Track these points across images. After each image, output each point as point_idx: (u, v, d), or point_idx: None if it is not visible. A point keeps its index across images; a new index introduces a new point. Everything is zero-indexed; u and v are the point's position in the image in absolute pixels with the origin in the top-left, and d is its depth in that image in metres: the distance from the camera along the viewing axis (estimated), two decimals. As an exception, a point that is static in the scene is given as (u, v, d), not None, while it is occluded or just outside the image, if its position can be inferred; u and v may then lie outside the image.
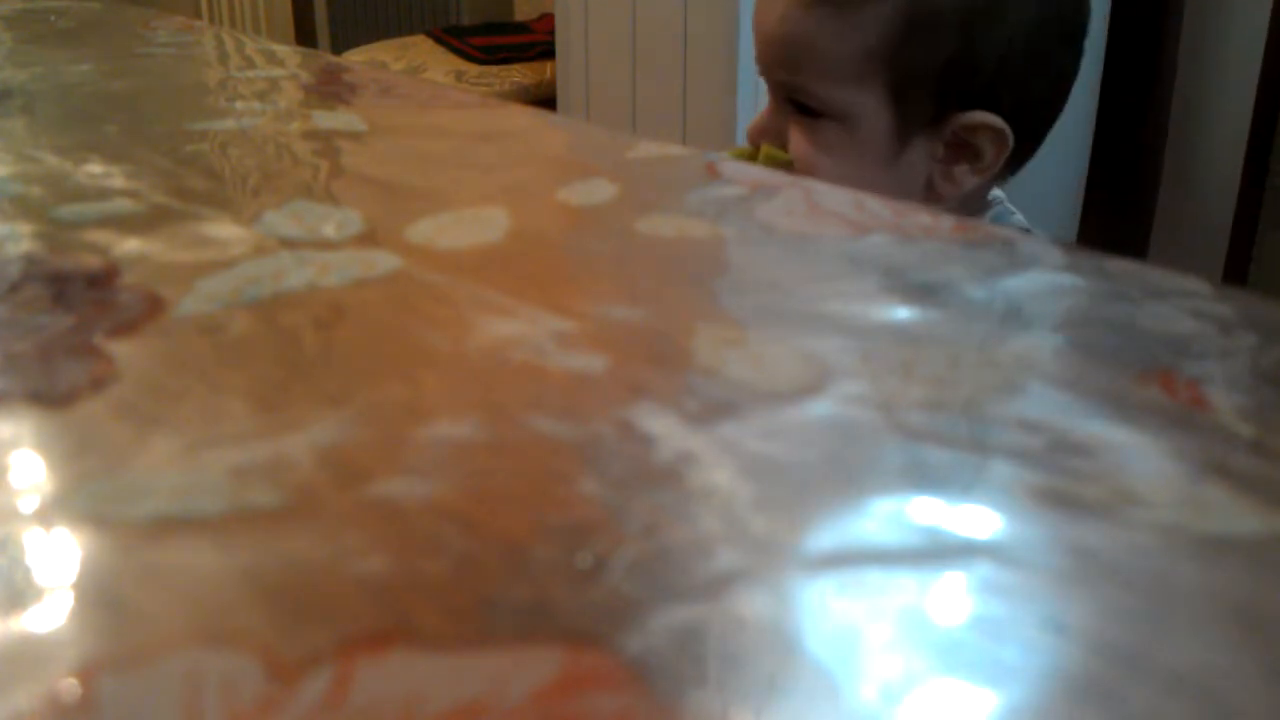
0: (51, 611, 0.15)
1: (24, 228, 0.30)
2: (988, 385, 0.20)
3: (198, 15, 3.33)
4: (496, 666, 0.14)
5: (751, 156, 0.74)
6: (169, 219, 0.30)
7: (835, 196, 0.31)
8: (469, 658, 0.14)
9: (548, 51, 2.03)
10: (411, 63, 2.14)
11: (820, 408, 0.20)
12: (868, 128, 0.70)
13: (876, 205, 0.30)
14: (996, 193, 0.77)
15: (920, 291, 0.25)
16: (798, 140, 0.72)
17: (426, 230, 0.29)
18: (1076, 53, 0.74)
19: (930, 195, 0.74)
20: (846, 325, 0.23)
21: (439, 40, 2.24)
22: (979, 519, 0.16)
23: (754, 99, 1.46)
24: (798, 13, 0.69)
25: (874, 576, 0.15)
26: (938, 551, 0.16)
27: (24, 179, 0.34)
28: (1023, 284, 0.25)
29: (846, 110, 0.70)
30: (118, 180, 0.33)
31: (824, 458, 0.18)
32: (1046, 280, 0.25)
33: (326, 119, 0.41)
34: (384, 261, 0.27)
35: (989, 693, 0.13)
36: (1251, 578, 0.15)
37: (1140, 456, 0.18)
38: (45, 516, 0.17)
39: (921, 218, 0.29)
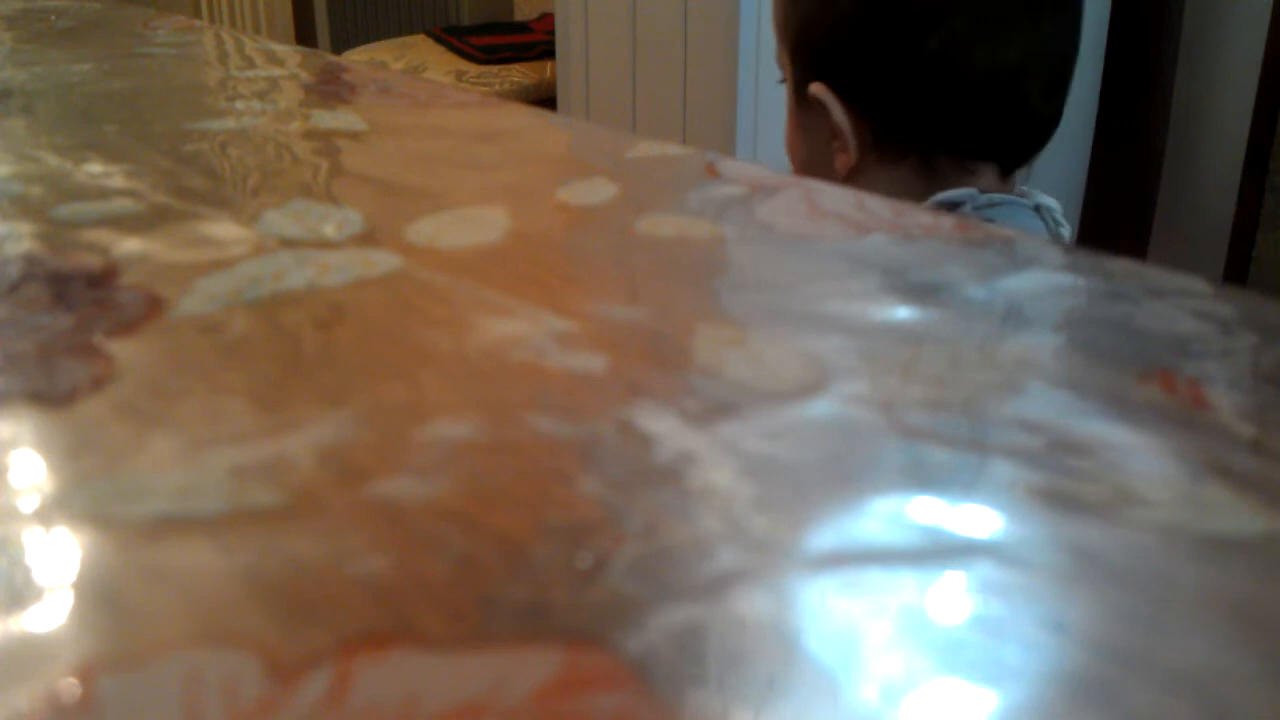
0: (51, 611, 0.15)
1: (24, 228, 0.30)
2: (988, 385, 0.20)
3: (198, 15, 3.33)
4: (496, 666, 0.14)
5: None
6: (169, 219, 0.30)
7: (835, 196, 0.31)
8: (469, 658, 0.14)
9: (548, 51, 2.03)
10: (411, 62, 2.14)
11: (820, 407, 0.20)
12: (790, 94, 0.74)
13: (877, 205, 0.30)
14: (950, 194, 0.67)
15: (920, 291, 0.25)
16: None
17: (426, 230, 0.29)
18: (916, 34, 0.65)
19: (829, 173, 0.71)
20: (846, 325, 0.23)
21: (439, 40, 2.25)
22: (979, 519, 0.16)
23: (754, 99, 1.46)
24: None
25: (874, 576, 0.15)
26: (938, 551, 0.16)
27: (24, 179, 0.34)
28: (1023, 284, 0.25)
29: (783, 75, 0.74)
30: (118, 180, 0.33)
31: (824, 458, 0.18)
32: (1046, 280, 0.25)
33: (326, 119, 0.41)
34: (384, 261, 0.27)
35: (989, 693, 0.13)
36: (1251, 578, 0.15)
37: (1140, 456, 0.18)
38: (45, 516, 0.17)
39: (922, 217, 0.29)
